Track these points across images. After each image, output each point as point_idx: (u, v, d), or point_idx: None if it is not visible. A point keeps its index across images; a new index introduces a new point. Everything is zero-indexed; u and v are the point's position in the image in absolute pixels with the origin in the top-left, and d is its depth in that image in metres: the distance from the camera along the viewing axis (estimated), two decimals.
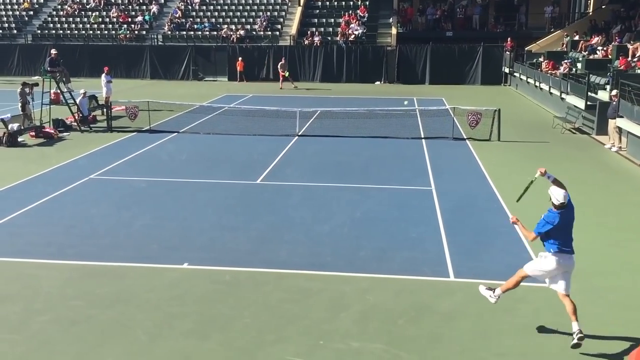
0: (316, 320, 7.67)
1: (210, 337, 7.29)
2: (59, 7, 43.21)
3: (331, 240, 10.43)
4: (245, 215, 11.83)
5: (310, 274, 9.04)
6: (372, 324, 7.62)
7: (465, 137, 19.28)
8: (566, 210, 7.22)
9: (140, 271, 9.13)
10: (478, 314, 7.85)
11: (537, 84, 27.97)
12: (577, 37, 32.41)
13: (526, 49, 35.86)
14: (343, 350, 7.03)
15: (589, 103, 20.61)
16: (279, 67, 34.19)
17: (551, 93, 25.50)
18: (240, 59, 36.50)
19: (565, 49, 32.08)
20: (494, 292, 7.54)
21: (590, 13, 38.12)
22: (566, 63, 26.43)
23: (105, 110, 21.93)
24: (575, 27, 35.90)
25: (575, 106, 21.63)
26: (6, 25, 42.28)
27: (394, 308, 8.01)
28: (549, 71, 27.41)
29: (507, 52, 35.45)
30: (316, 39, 37.64)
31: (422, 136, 19.70)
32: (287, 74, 33.67)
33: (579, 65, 27.20)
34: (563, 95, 23.54)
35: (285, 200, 12.80)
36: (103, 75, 24.52)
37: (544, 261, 7.23)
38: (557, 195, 7.24)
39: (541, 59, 30.51)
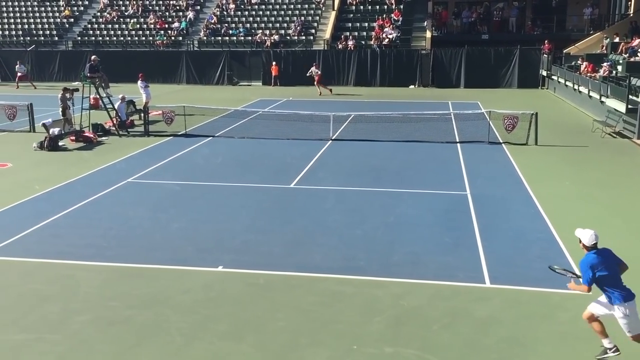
0: (349, 325, 7.65)
1: (245, 339, 7.33)
2: (99, 14, 44.21)
3: (364, 245, 10.40)
4: (279, 218, 11.88)
5: (344, 278, 9.03)
6: (405, 329, 7.56)
7: (501, 141, 19.01)
8: (602, 250, 6.67)
9: (176, 273, 9.25)
10: (514, 321, 7.72)
11: (576, 87, 27.41)
12: (617, 39, 31.64)
13: (564, 51, 35.17)
14: (376, 355, 6.99)
15: (629, 106, 20.10)
16: (314, 71, 33.83)
17: (590, 96, 24.95)
18: (274, 63, 36.75)
19: (604, 51, 31.35)
20: (608, 350, 6.73)
21: (631, 14, 37.19)
22: (606, 65, 25.85)
23: (142, 114, 22.33)
24: (615, 28, 35.07)
25: (615, 109, 21.13)
26: (47, 32, 43.45)
27: (428, 313, 7.93)
28: (588, 74, 26.84)
29: (545, 55, 34.84)
30: (350, 43, 37.64)
31: (457, 140, 19.50)
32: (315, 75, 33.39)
33: (619, 67, 26.54)
34: (603, 99, 23.01)
35: (318, 204, 12.81)
36: (139, 81, 24.99)
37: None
38: (584, 235, 6.68)
39: (580, 62, 29.90)
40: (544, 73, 34.85)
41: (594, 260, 6.49)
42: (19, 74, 37.25)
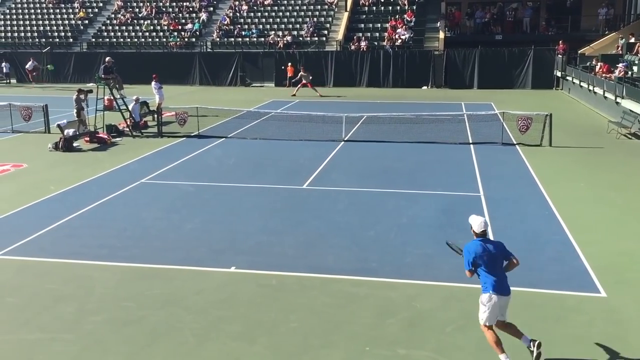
0: (362, 326, 7.63)
1: (257, 340, 7.34)
2: (113, 16, 44.55)
3: (377, 246, 10.37)
4: (291, 219, 11.89)
5: (357, 280, 9.01)
6: (419, 331, 7.53)
7: (515, 143, 18.90)
8: (490, 241, 6.76)
9: (189, 274, 9.28)
10: (529, 324, 7.64)
11: (591, 87, 27.18)
12: (632, 40, 31.33)
13: (579, 51, 34.91)
14: (389, 357, 6.97)
15: None
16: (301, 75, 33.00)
17: (606, 97, 24.74)
18: (290, 64, 36.80)
19: (620, 52, 31.07)
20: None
21: None
22: (621, 66, 25.62)
23: (155, 116, 22.45)
24: (631, 28, 34.73)
25: (631, 110, 20.92)
26: (62, 34, 43.86)
27: (442, 315, 7.90)
28: (603, 75, 26.61)
29: (559, 55, 34.59)
30: (363, 44, 37.61)
31: (470, 141, 19.41)
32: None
33: (634, 68, 26.30)
34: (618, 100, 22.80)
35: (331, 205, 12.80)
36: (153, 82, 25.13)
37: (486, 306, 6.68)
38: (475, 221, 6.69)
39: (595, 62, 29.65)
40: (558, 74, 34.60)
41: (477, 248, 6.59)
42: (28, 70, 37.65)
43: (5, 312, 8.14)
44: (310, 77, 32.93)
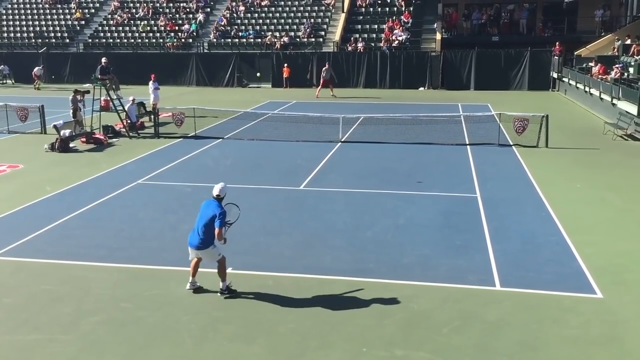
0: (360, 327, 7.64)
1: (255, 341, 7.34)
2: (109, 16, 44.46)
3: (375, 247, 10.39)
4: (288, 220, 11.89)
5: (354, 280, 9.02)
6: (416, 332, 7.54)
7: (511, 144, 18.94)
8: (211, 202, 8.36)
9: (187, 274, 9.23)
10: (525, 325, 7.68)
11: (587, 89, 27.26)
12: (629, 41, 31.45)
13: (575, 53, 35.00)
14: (387, 358, 6.98)
15: None
16: (323, 72, 33.68)
17: (602, 99, 24.81)
18: (286, 65, 36.82)
19: (616, 53, 31.17)
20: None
21: None
22: (617, 68, 25.68)
23: (152, 116, 22.43)
24: (627, 30, 34.86)
25: (627, 112, 20.98)
26: (59, 34, 43.75)
27: (439, 316, 7.91)
28: (600, 76, 26.68)
29: (556, 57, 34.67)
30: (360, 45, 37.63)
31: (467, 142, 19.44)
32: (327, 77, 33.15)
33: (631, 70, 26.38)
34: (614, 101, 22.87)
35: (328, 206, 12.81)
36: (150, 82, 25.09)
37: None
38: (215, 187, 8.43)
39: (591, 64, 29.74)
40: (555, 75, 34.68)
41: (202, 204, 8.46)
42: (36, 75, 37.42)
43: (2, 313, 8.12)
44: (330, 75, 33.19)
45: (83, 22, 44.57)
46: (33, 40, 43.36)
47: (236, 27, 41.36)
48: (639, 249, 10.30)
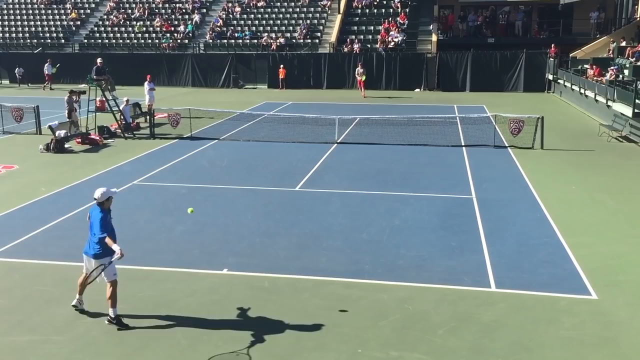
0: (355, 328, 7.64)
1: (250, 342, 7.33)
2: (105, 17, 44.38)
3: (370, 248, 10.39)
4: (284, 221, 11.89)
5: (349, 282, 9.02)
6: (411, 333, 7.54)
7: (507, 145, 18.98)
8: (98, 209, 7.88)
9: (181, 276, 9.26)
10: (520, 326, 7.69)
11: (582, 91, 27.33)
12: (624, 43, 31.56)
13: (571, 55, 35.10)
14: (382, 359, 6.98)
15: (636, 111, 20.03)
16: (356, 73, 34.09)
17: (597, 100, 24.88)
18: (282, 66, 36.84)
19: (611, 55, 31.27)
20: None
21: (638, 18, 37.08)
22: (612, 70, 25.76)
23: (148, 117, 22.39)
24: (622, 32, 34.98)
25: (622, 114, 21.05)
26: (54, 35, 43.64)
27: (434, 318, 7.92)
28: (595, 78, 26.76)
29: (551, 59, 34.77)
30: (356, 46, 37.66)
31: (463, 144, 19.47)
32: (364, 78, 33.55)
33: (626, 72, 26.46)
34: (609, 103, 22.93)
35: (324, 207, 12.81)
36: (146, 83, 25.04)
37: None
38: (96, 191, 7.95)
39: (586, 66, 29.82)
40: (550, 77, 34.78)
41: (90, 211, 7.97)
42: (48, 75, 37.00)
43: None
44: (364, 76, 33.51)
45: (79, 23, 44.47)
46: (28, 41, 43.23)
47: (232, 28, 41.33)
48: (634, 250, 10.33)
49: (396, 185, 14.60)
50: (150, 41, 41.62)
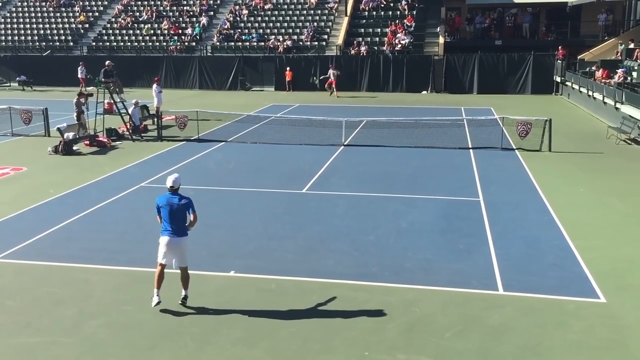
0: (362, 331, 7.63)
1: (257, 345, 7.34)
2: (113, 19, 44.58)
3: (377, 251, 10.38)
4: (291, 224, 11.89)
5: (356, 284, 9.01)
6: (418, 336, 7.53)
7: (514, 148, 18.92)
8: (173, 195, 8.25)
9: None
10: (528, 329, 7.66)
11: (590, 93, 27.22)
12: (632, 45, 31.39)
13: (579, 57, 34.97)
14: None
15: None
16: (331, 75, 34.48)
17: (605, 103, 24.78)
18: (288, 68, 36.89)
19: (619, 58, 31.13)
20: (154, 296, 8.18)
21: None
22: (621, 72, 25.65)
23: (155, 119, 22.47)
24: (631, 34, 34.82)
25: (630, 116, 20.94)
26: (63, 37, 43.88)
27: (441, 321, 7.89)
28: (603, 80, 26.65)
29: (559, 61, 34.66)
30: (362, 48, 37.66)
31: (470, 146, 19.43)
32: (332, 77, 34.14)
33: (634, 74, 26.34)
34: (618, 105, 22.83)
35: (331, 210, 12.80)
36: (154, 85, 25.13)
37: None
38: (168, 179, 8.36)
39: (594, 68, 29.70)
40: (558, 79, 34.66)
41: (160, 199, 8.26)
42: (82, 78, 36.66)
43: (5, 316, 8.13)
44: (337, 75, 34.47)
45: (87, 26, 44.69)
46: (37, 44, 43.49)
47: (239, 30, 41.42)
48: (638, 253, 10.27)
49: (403, 187, 14.58)
50: (157, 44, 41.77)
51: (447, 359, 7.01)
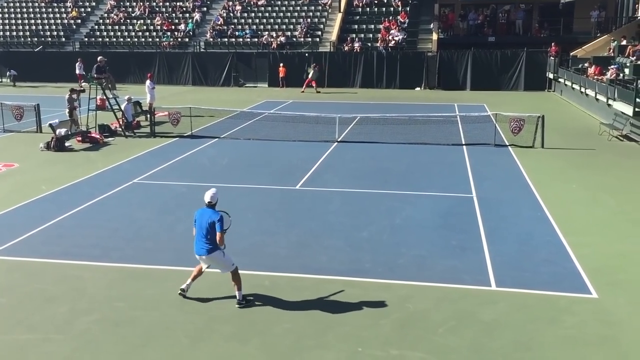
0: (355, 327, 7.63)
1: (250, 341, 7.33)
2: (106, 15, 44.35)
3: (371, 247, 10.38)
4: (284, 220, 11.88)
5: (350, 280, 9.01)
6: (411, 332, 7.54)
7: (507, 144, 18.97)
8: (206, 210, 8.22)
9: (182, 274, 9.23)
10: (520, 325, 7.69)
11: (583, 90, 27.31)
12: (624, 42, 31.51)
13: (571, 54, 35.06)
14: (382, 357, 6.98)
15: (637, 109, 20.00)
16: (311, 74, 34.52)
17: (597, 99, 24.86)
18: (282, 65, 36.83)
19: (612, 54, 31.24)
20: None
21: (639, 17, 37.07)
22: (613, 68, 25.73)
23: (148, 116, 22.38)
24: (623, 31, 34.94)
25: (622, 113, 21.03)
26: (55, 33, 43.61)
27: (434, 316, 7.91)
28: (595, 77, 26.74)
29: (552, 58, 34.74)
30: (356, 45, 37.63)
31: (463, 142, 19.46)
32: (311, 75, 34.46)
33: (626, 70, 26.42)
34: (610, 102, 22.91)
35: (324, 206, 12.80)
36: (147, 81, 25.04)
37: None
38: (206, 194, 8.32)
39: (587, 65, 29.79)
40: (551, 76, 34.75)
41: (196, 213, 8.32)
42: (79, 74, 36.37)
43: None
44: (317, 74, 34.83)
45: (79, 21, 44.44)
46: (29, 39, 43.21)
47: (232, 26, 41.30)
48: (634, 249, 10.33)
49: (397, 184, 14.59)
50: (150, 40, 41.60)
51: (440, 354, 7.03)
